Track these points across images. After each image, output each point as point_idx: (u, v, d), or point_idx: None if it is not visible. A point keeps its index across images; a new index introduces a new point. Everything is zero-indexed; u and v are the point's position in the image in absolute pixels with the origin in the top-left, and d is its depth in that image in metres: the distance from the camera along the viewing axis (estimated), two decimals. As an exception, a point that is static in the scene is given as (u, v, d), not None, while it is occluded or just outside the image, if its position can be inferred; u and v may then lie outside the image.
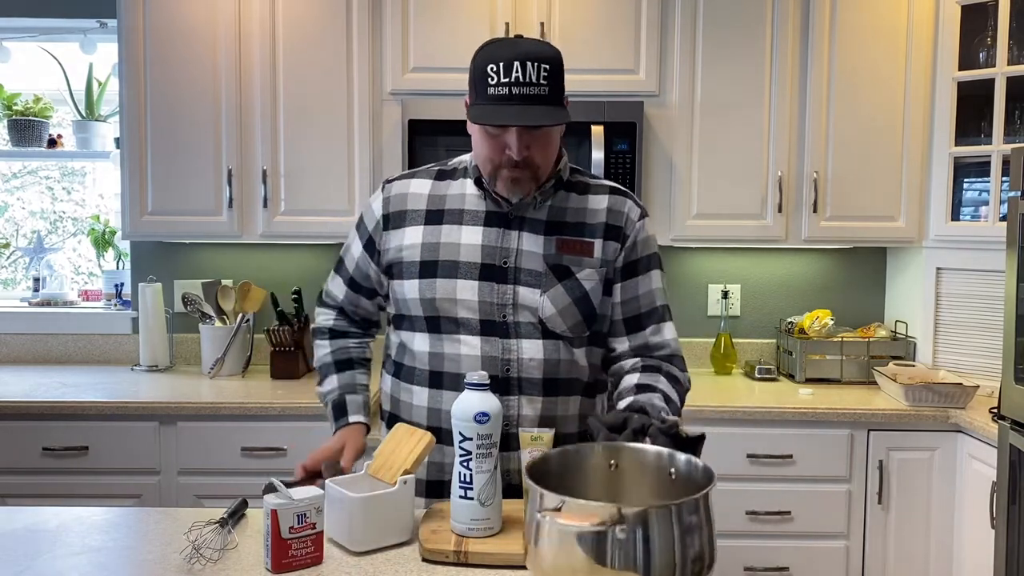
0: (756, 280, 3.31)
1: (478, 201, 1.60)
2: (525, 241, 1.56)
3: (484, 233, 1.57)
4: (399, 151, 2.84)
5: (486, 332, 1.55)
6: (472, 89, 1.51)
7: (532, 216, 1.58)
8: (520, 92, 1.44)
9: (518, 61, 1.44)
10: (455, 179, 1.64)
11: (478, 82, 1.48)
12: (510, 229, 1.57)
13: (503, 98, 1.45)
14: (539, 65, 1.44)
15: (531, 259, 1.56)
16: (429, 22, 2.83)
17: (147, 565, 1.30)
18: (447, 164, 1.69)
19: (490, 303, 1.55)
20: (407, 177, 1.68)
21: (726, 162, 2.89)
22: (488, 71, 1.45)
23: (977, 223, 2.86)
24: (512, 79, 1.44)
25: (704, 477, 1.17)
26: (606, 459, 1.27)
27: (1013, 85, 2.74)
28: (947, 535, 2.62)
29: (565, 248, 1.57)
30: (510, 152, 1.48)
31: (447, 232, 1.58)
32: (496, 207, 1.59)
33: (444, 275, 1.56)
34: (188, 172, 2.87)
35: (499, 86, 1.45)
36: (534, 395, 1.56)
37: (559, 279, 1.55)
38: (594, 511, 1.02)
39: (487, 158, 1.53)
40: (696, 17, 2.86)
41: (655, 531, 1.01)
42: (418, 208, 1.62)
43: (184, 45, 2.84)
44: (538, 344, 1.56)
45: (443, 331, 1.57)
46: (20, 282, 3.60)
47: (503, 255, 1.56)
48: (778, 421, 2.61)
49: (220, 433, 2.59)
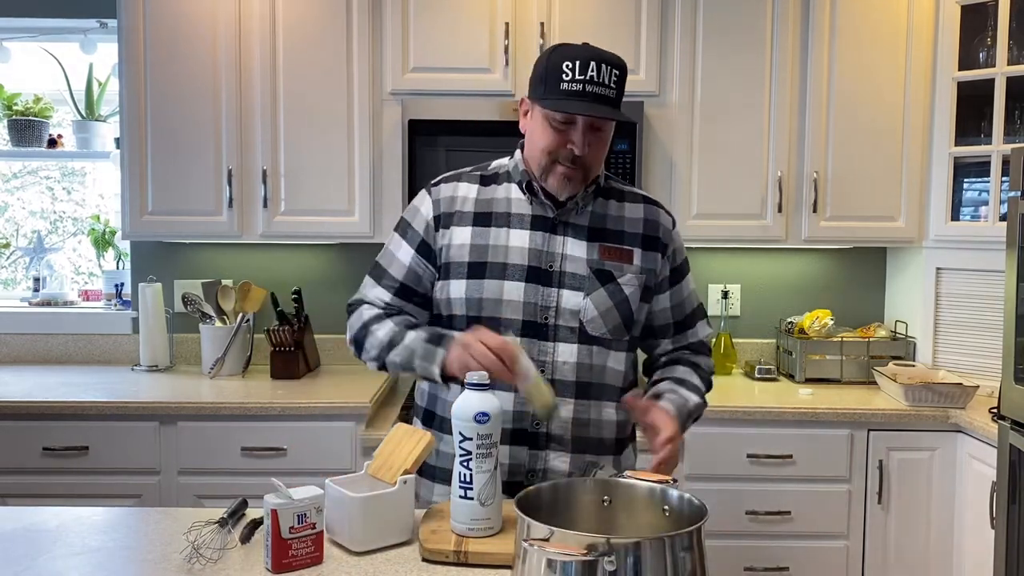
0: (756, 280, 3.31)
1: (524, 205, 1.64)
2: (569, 246, 1.61)
3: (531, 237, 1.61)
4: (399, 151, 2.84)
5: (527, 333, 1.58)
6: (540, 84, 1.55)
7: (575, 221, 1.63)
8: (593, 91, 1.50)
9: (594, 61, 1.51)
10: (499, 183, 1.67)
11: (550, 77, 1.53)
12: (555, 234, 1.62)
13: (578, 93, 1.50)
14: (611, 69, 1.52)
15: (575, 263, 1.60)
16: (429, 22, 2.83)
17: (147, 565, 1.30)
18: (487, 169, 1.71)
19: (534, 304, 1.58)
20: (452, 180, 1.69)
21: (726, 162, 2.89)
22: (564, 67, 1.51)
23: (977, 223, 2.86)
24: (587, 77, 1.50)
25: (697, 514, 1.16)
26: (599, 495, 1.27)
27: (1013, 85, 2.74)
28: (947, 535, 2.62)
29: (607, 254, 1.62)
30: (572, 146, 1.54)
31: (495, 235, 1.62)
32: (542, 211, 1.63)
33: (492, 276, 1.59)
34: (188, 172, 2.87)
35: (574, 82, 1.50)
36: (567, 397, 1.59)
37: (602, 283, 1.60)
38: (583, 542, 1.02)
39: (547, 150, 1.56)
40: (696, 17, 2.86)
41: (646, 565, 1.01)
42: (466, 210, 1.65)
43: (184, 45, 2.84)
44: (573, 348, 1.59)
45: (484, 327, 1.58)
46: (20, 282, 3.60)
47: (549, 259, 1.60)
48: (778, 421, 2.61)
49: (220, 433, 2.59)
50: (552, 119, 1.54)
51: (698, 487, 2.56)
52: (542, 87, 1.55)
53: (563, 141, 1.55)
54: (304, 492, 1.30)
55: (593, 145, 1.56)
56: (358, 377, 2.97)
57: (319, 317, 3.19)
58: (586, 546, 1.01)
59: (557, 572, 1.03)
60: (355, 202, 2.87)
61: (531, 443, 1.58)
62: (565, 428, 1.59)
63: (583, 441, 1.62)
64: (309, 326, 3.11)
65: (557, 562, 1.02)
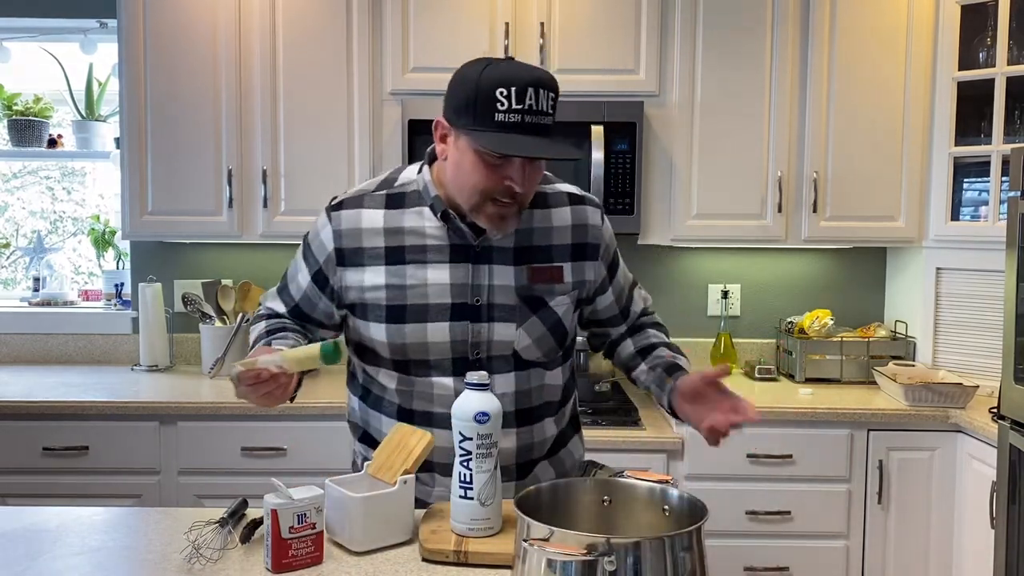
0: (756, 280, 3.31)
1: (439, 233, 1.49)
2: (496, 274, 1.50)
3: (452, 271, 1.49)
4: (399, 151, 2.84)
5: (458, 372, 1.49)
6: (468, 112, 1.37)
7: (500, 244, 1.50)
8: (532, 121, 1.35)
9: (531, 88, 1.34)
10: (408, 206, 1.51)
11: (481, 105, 1.35)
12: (479, 263, 1.49)
13: (516, 126, 1.35)
14: (548, 93, 1.37)
15: (503, 293, 1.50)
16: (429, 22, 2.83)
17: (147, 565, 1.30)
18: (392, 184, 1.54)
19: (463, 342, 1.50)
20: (355, 206, 1.53)
21: (726, 162, 2.89)
22: (498, 94, 1.34)
23: (977, 223, 2.86)
24: (525, 107, 1.34)
25: (697, 514, 1.16)
26: (599, 495, 1.26)
27: (1013, 85, 2.74)
28: (947, 535, 2.62)
29: (536, 277, 1.51)
30: (511, 184, 1.39)
31: (412, 273, 1.49)
32: (461, 239, 1.49)
33: (414, 320, 1.48)
34: (188, 172, 2.87)
35: (511, 113, 1.34)
36: (509, 428, 1.51)
37: (533, 311, 1.52)
38: (583, 542, 1.02)
39: (478, 188, 1.40)
40: (696, 17, 2.86)
41: (646, 565, 1.01)
42: (376, 245, 1.50)
43: (184, 45, 2.84)
44: (510, 377, 1.52)
45: (412, 372, 1.52)
46: (20, 282, 3.60)
47: (475, 292, 1.49)
48: (778, 421, 2.61)
49: (220, 433, 2.59)
50: (485, 155, 1.37)
51: (698, 487, 2.56)
52: (470, 116, 1.36)
53: (499, 179, 1.39)
54: (304, 492, 1.30)
55: (531, 176, 1.42)
56: (358, 377, 2.96)
57: (319, 317, 3.19)
58: (586, 546, 1.01)
59: (557, 572, 1.03)
60: (355, 202, 2.87)
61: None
62: (510, 459, 1.53)
63: (527, 465, 1.57)
64: (309, 326, 3.11)
65: (557, 562, 1.02)
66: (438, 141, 1.46)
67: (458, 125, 1.40)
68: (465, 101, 1.37)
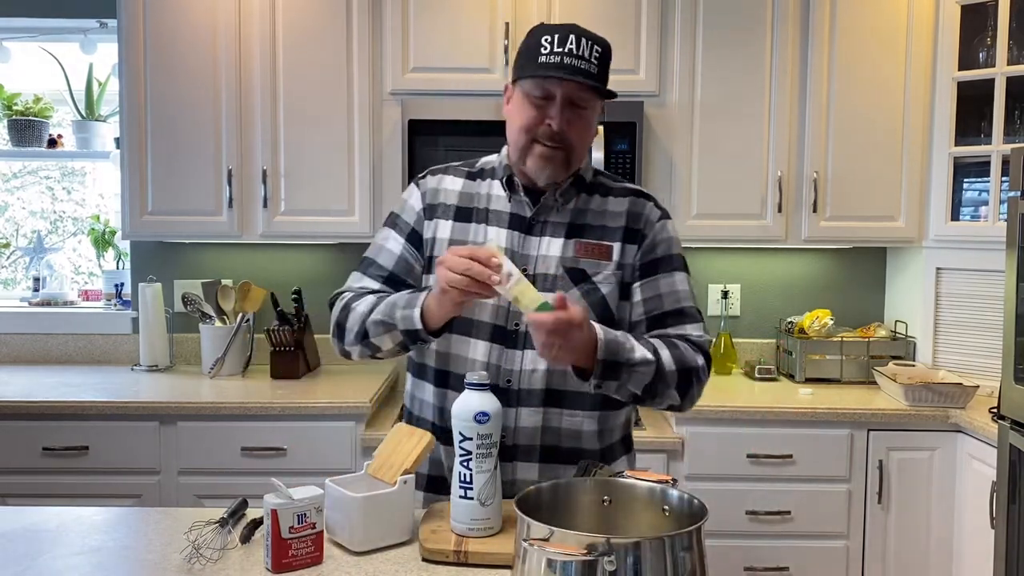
0: (756, 280, 3.31)
1: (503, 202, 1.58)
2: (544, 246, 1.55)
3: (507, 236, 1.56)
4: (399, 151, 2.84)
5: (496, 339, 1.52)
6: (519, 63, 1.51)
7: (554, 219, 1.56)
8: (572, 63, 1.45)
9: (573, 35, 1.45)
10: (484, 179, 1.63)
11: (529, 53, 1.48)
12: (531, 234, 1.56)
13: (556, 66, 1.45)
14: (592, 44, 1.46)
15: (548, 263, 1.54)
16: (429, 22, 2.83)
17: (147, 565, 1.30)
18: (475, 165, 1.66)
19: (506, 308, 1.52)
20: (440, 173, 1.66)
21: (726, 162, 2.89)
22: (542, 41, 1.46)
23: (977, 223, 2.86)
24: (565, 49, 1.45)
25: (697, 514, 1.16)
26: (599, 495, 1.26)
27: (1013, 85, 2.74)
28: (947, 535, 2.62)
29: (583, 251, 1.54)
30: (551, 122, 1.47)
31: (474, 231, 1.57)
32: (519, 210, 1.57)
33: None
34: (188, 172, 2.87)
35: (552, 55, 1.45)
36: (534, 406, 1.52)
37: (575, 282, 1.52)
38: (583, 542, 1.02)
39: (525, 128, 1.50)
40: (696, 17, 2.86)
41: (646, 565, 1.01)
42: (449, 203, 1.61)
43: (184, 45, 2.84)
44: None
45: (455, 331, 1.53)
46: (20, 282, 3.60)
47: (522, 261, 1.53)
48: (778, 421, 2.61)
49: (220, 433, 2.59)
50: (530, 95, 1.49)
51: (698, 487, 2.56)
52: (519, 65, 1.51)
53: (541, 117, 1.48)
54: (304, 492, 1.30)
55: (573, 123, 1.49)
56: (358, 377, 2.97)
57: (319, 317, 3.19)
58: (586, 546, 1.01)
59: (557, 572, 1.03)
60: (355, 202, 2.87)
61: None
62: (533, 438, 1.53)
63: (552, 451, 1.54)
64: (309, 326, 3.11)
65: (557, 562, 1.02)
66: (505, 104, 1.58)
67: (514, 79, 1.54)
68: (519, 55, 1.52)
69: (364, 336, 1.53)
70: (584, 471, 1.56)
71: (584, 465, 1.59)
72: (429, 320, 1.44)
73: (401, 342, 1.50)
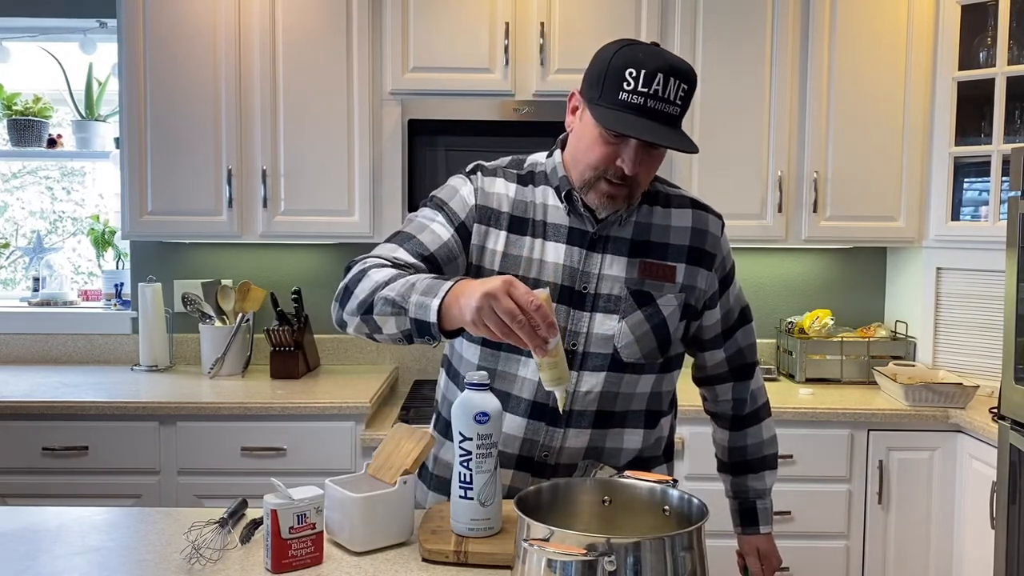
0: (756, 280, 3.31)
1: (561, 215, 1.49)
2: (607, 264, 1.47)
3: (567, 252, 1.47)
4: (399, 151, 2.84)
5: None
6: (597, 86, 1.37)
7: (617, 235, 1.49)
8: (655, 107, 1.34)
9: (662, 74, 1.33)
10: (536, 185, 1.52)
11: (609, 82, 1.35)
12: (593, 251, 1.48)
13: (637, 108, 1.34)
14: (679, 84, 1.35)
15: (612, 283, 1.47)
16: (429, 22, 2.83)
17: (147, 565, 1.30)
18: (522, 166, 1.55)
19: (564, 328, 1.46)
20: (490, 173, 1.53)
21: (726, 162, 2.89)
22: (627, 75, 1.34)
23: (977, 223, 2.86)
24: (651, 91, 1.33)
25: (697, 514, 1.16)
26: (599, 495, 1.26)
27: (1013, 85, 2.74)
28: (947, 535, 2.62)
29: (647, 272, 1.48)
30: (622, 165, 1.38)
31: (530, 246, 1.48)
32: (580, 224, 1.48)
33: None
34: (188, 172, 2.87)
35: (635, 95, 1.34)
36: (583, 427, 1.49)
37: (639, 305, 1.47)
38: (583, 542, 1.01)
39: (593, 164, 1.41)
40: (696, 17, 2.86)
41: (646, 565, 1.01)
42: (503, 210, 1.50)
43: (184, 45, 2.84)
44: (600, 377, 1.47)
45: (503, 348, 1.47)
46: (20, 282, 3.60)
47: (584, 279, 1.47)
48: (778, 421, 2.57)
49: (220, 433, 2.59)
50: (604, 132, 1.37)
51: (698, 487, 2.56)
52: (598, 90, 1.37)
53: (612, 157, 1.38)
54: (304, 492, 1.30)
55: (645, 164, 1.41)
56: (358, 377, 2.97)
57: (319, 317, 3.19)
58: (586, 546, 1.01)
59: (557, 572, 1.02)
60: (355, 202, 2.87)
61: (535, 470, 1.50)
62: (575, 457, 1.50)
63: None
64: (309, 326, 3.11)
65: (557, 562, 1.02)
66: (569, 113, 1.47)
67: (587, 98, 1.41)
68: (596, 75, 1.39)
69: (368, 309, 1.33)
70: (584, 471, 1.56)
71: (584, 465, 1.59)
72: (446, 319, 1.25)
73: (407, 331, 1.29)
